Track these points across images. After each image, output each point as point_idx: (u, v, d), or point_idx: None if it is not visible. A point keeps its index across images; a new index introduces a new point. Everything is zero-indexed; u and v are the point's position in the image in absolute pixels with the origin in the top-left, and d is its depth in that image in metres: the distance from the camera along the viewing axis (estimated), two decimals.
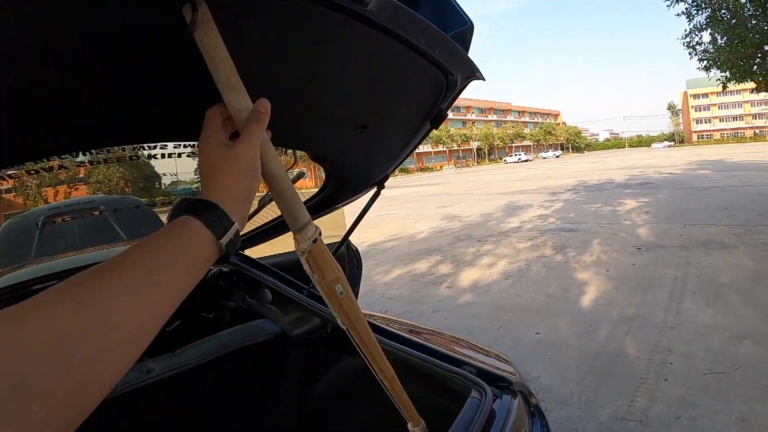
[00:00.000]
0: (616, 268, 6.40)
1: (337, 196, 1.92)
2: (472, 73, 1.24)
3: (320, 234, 0.85)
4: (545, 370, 3.66)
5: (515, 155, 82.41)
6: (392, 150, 1.60)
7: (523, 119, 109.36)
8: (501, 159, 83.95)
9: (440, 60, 1.11)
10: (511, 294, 5.81)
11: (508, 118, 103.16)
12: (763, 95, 11.52)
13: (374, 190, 1.77)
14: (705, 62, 11.66)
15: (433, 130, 1.49)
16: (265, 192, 1.41)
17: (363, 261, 5.12)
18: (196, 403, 1.86)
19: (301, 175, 1.70)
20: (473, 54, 1.17)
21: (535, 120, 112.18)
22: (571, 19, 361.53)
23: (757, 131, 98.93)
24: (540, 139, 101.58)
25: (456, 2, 1.14)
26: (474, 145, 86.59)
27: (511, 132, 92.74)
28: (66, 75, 0.77)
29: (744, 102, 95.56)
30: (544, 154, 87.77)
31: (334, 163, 1.63)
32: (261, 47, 0.85)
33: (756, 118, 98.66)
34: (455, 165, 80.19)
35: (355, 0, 0.76)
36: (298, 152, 1.73)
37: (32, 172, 1.84)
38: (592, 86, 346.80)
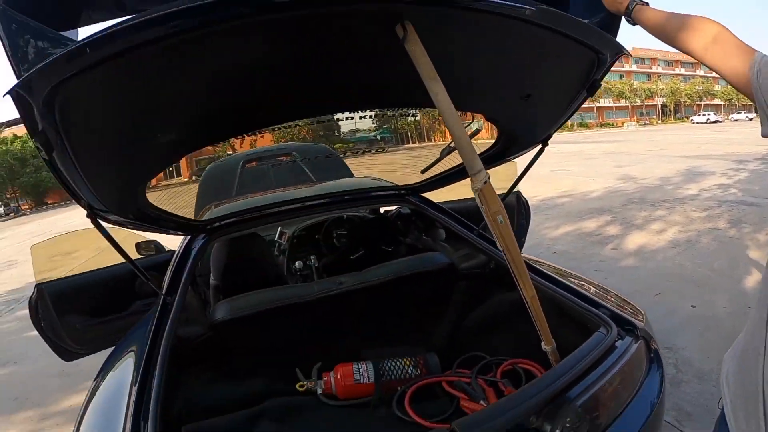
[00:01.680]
0: None
1: (507, 150, 2.23)
2: (620, 50, 1.46)
3: (488, 177, 1.19)
4: (692, 343, 3.64)
5: (703, 114, 73.17)
6: (553, 114, 1.88)
7: (713, 74, 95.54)
8: (687, 118, 74.97)
9: (590, 43, 1.35)
10: (676, 263, 5.63)
11: (698, 72, 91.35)
12: None
13: (539, 146, 2.05)
14: None
15: (590, 96, 1.72)
16: (449, 142, 1.78)
17: (534, 215, 5.34)
18: (375, 313, 2.32)
19: (478, 131, 2.00)
20: None
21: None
22: None
23: None
24: (732, 98, 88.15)
25: None
26: (659, 101, 79.25)
27: (700, 89, 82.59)
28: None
29: None
30: (735, 116, 76.80)
31: (504, 124, 1.94)
32: (449, 50, 1.23)
33: None
34: (637, 122, 73.95)
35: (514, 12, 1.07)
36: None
37: None
38: None
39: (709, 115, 68.91)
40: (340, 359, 1.91)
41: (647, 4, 1.28)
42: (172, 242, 2.67)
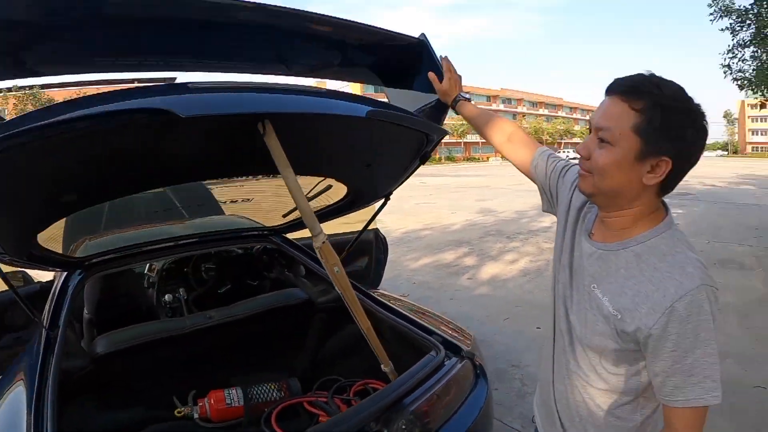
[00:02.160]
0: None
1: (355, 202, 2.63)
2: (445, 133, 1.92)
3: (326, 238, 1.56)
4: (536, 361, 4.02)
5: (564, 152, 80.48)
6: (392, 177, 2.31)
7: (574, 116, 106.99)
8: None
9: (421, 130, 1.78)
10: (525, 290, 6.30)
11: (560, 113, 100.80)
12: None
13: (382, 200, 2.46)
14: (739, 81, 11.43)
15: (422, 164, 2.17)
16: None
17: (397, 247, 5.69)
18: (242, 344, 2.56)
19: (329, 188, 2.41)
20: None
21: (587, 117, 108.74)
22: (628, 17, 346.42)
23: None
24: None
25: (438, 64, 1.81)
26: None
27: (562, 128, 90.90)
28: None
29: None
30: None
31: (351, 184, 2.34)
32: (304, 136, 1.59)
33: None
34: (502, 157, 78.79)
35: (355, 113, 1.45)
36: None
37: None
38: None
39: (568, 152, 75.24)
40: (213, 386, 2.14)
41: (469, 100, 1.72)
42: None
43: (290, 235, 3.06)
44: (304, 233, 3.14)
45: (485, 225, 11.20)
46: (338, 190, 2.48)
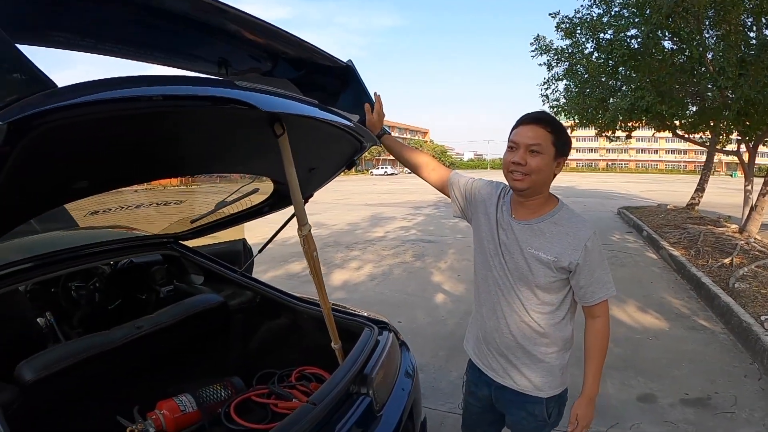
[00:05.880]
0: (466, 274, 7.58)
1: (279, 203, 2.83)
2: (376, 142, 2.21)
3: (311, 228, 1.76)
4: None
5: (382, 168, 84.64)
6: (321, 180, 2.55)
7: (392, 134, 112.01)
8: (368, 171, 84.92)
9: (359, 136, 2.05)
10: (377, 292, 6.73)
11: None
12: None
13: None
14: (555, 108, 13.31)
15: (348, 170, 2.45)
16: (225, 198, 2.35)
17: None
18: (172, 352, 2.56)
19: (257, 190, 2.54)
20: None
21: (405, 136, 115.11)
22: (448, 43, 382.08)
23: (609, 163, 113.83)
24: None
25: (368, 94, 2.09)
26: None
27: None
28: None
29: (600, 136, 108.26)
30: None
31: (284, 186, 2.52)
32: (296, 143, 1.77)
33: (609, 152, 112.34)
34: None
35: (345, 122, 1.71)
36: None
37: None
38: (462, 108, 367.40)
39: (386, 168, 79.31)
40: (154, 398, 2.09)
41: (390, 134, 2.18)
42: None
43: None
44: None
45: (321, 237, 11.42)
46: (263, 194, 2.62)
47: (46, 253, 2.36)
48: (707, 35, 9.39)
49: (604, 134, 13.85)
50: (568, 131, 1.86)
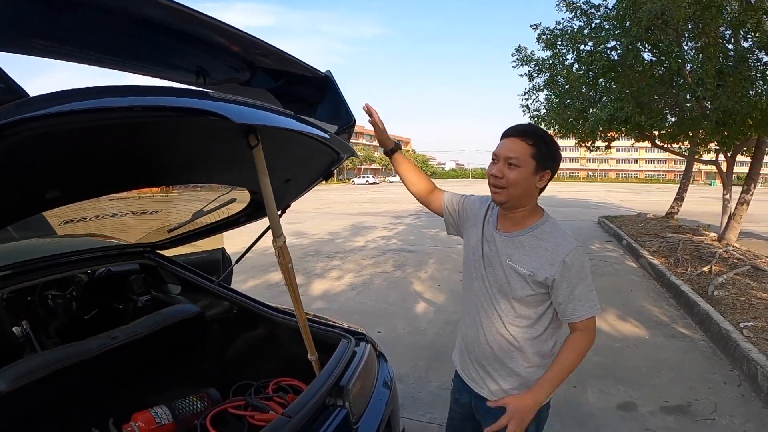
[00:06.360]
0: (446, 283, 7.65)
1: (255, 213, 2.80)
2: (353, 153, 2.20)
3: (285, 239, 1.75)
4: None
5: (363, 177, 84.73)
6: (297, 191, 2.54)
7: (374, 143, 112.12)
8: (349, 180, 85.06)
9: (335, 148, 2.05)
10: (357, 302, 6.72)
11: (360, 140, 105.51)
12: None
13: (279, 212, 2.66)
14: (535, 119, 13.40)
15: (325, 181, 2.47)
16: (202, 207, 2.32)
17: None
18: (148, 362, 2.52)
19: (234, 200, 2.52)
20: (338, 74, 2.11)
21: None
22: (432, 52, 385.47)
23: (589, 173, 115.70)
24: (389, 164, 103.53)
25: (346, 104, 2.09)
26: None
27: (361, 155, 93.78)
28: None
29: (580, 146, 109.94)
30: (391, 178, 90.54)
31: (259, 195, 2.50)
32: (272, 154, 1.77)
33: (589, 162, 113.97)
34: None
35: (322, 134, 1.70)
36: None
37: None
38: (444, 117, 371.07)
39: (368, 177, 79.30)
40: (129, 409, 2.06)
41: (400, 149, 2.12)
42: None
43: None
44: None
45: (302, 246, 11.40)
46: (240, 204, 2.61)
47: (23, 261, 2.36)
48: (686, 47, 9.60)
49: (584, 144, 13.95)
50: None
